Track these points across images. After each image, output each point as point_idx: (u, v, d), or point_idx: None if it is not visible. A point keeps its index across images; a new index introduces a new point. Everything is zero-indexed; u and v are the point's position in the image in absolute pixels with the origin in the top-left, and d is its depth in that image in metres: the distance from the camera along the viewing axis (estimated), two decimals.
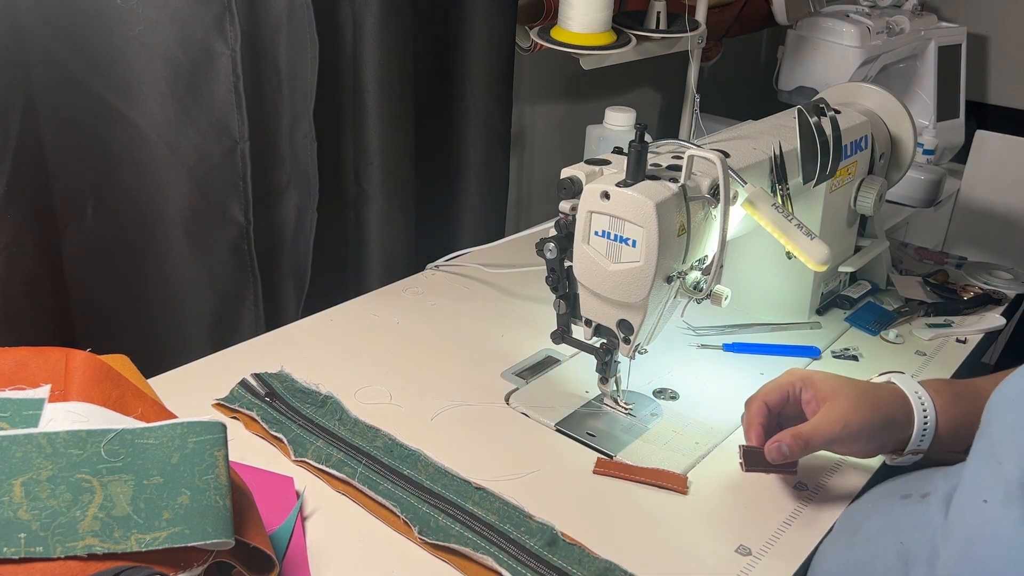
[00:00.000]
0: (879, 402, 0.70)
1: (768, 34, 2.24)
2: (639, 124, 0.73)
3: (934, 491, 0.60)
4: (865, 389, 0.71)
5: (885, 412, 0.69)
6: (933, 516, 0.57)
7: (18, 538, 0.49)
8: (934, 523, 0.57)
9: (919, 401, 0.70)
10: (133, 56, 0.92)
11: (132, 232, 0.99)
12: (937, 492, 0.59)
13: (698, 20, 1.49)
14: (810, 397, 0.72)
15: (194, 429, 0.57)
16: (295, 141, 1.09)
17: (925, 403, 0.69)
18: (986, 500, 0.50)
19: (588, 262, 0.77)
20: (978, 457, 0.54)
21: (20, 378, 0.58)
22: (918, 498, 0.62)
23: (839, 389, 0.71)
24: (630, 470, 0.77)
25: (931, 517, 0.58)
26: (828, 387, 0.71)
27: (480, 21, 1.28)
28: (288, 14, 1.01)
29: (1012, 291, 1.17)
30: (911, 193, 1.53)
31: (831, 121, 0.94)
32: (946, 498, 0.57)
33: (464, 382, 0.89)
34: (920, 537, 0.57)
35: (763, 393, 0.75)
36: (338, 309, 1.04)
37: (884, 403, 0.70)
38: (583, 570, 0.64)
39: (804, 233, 0.80)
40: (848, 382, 0.72)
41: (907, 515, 0.61)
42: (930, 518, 0.58)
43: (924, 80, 1.89)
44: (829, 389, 0.71)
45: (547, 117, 1.67)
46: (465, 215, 1.41)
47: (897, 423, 0.69)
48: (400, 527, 0.68)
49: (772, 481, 0.76)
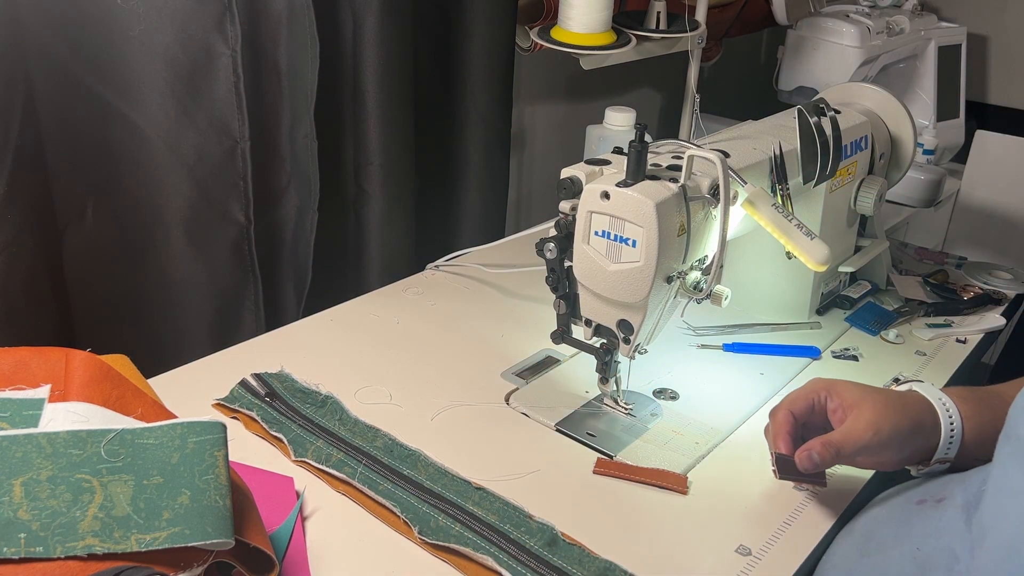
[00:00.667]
0: (907, 408, 0.68)
1: (768, 34, 2.24)
2: (639, 124, 0.73)
3: (950, 496, 0.60)
4: (891, 396, 0.70)
5: (913, 418, 0.68)
6: (950, 522, 0.57)
7: (18, 538, 0.49)
8: (952, 529, 0.56)
9: (944, 408, 0.68)
10: (133, 56, 0.92)
11: (132, 232, 0.99)
12: (955, 499, 0.59)
13: (698, 20, 1.49)
14: (836, 406, 0.71)
15: (194, 429, 0.57)
16: (295, 141, 1.09)
17: (950, 409, 0.68)
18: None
19: (588, 262, 0.77)
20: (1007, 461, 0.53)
21: (20, 378, 0.58)
22: (933, 504, 0.61)
23: (865, 397, 0.69)
24: (630, 470, 0.77)
25: (948, 523, 0.57)
26: (854, 395, 0.70)
27: (480, 21, 1.28)
28: (288, 14, 1.01)
29: (1012, 291, 1.17)
30: (911, 193, 1.53)
31: (831, 121, 0.94)
32: (965, 504, 0.56)
33: (464, 382, 0.89)
34: (936, 543, 0.57)
35: (788, 402, 0.73)
36: (338, 309, 1.04)
37: (911, 409, 0.68)
38: (583, 570, 0.64)
39: (804, 233, 0.80)
40: (873, 390, 0.71)
41: (923, 521, 0.61)
42: (947, 524, 0.57)
43: (924, 80, 1.89)
44: (855, 397, 0.70)
45: (547, 117, 1.67)
46: (465, 215, 1.41)
47: (925, 430, 0.68)
48: (400, 527, 0.68)
49: (772, 481, 0.76)
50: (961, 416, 0.68)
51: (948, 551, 0.55)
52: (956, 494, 0.59)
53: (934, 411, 0.68)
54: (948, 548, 0.55)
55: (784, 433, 0.71)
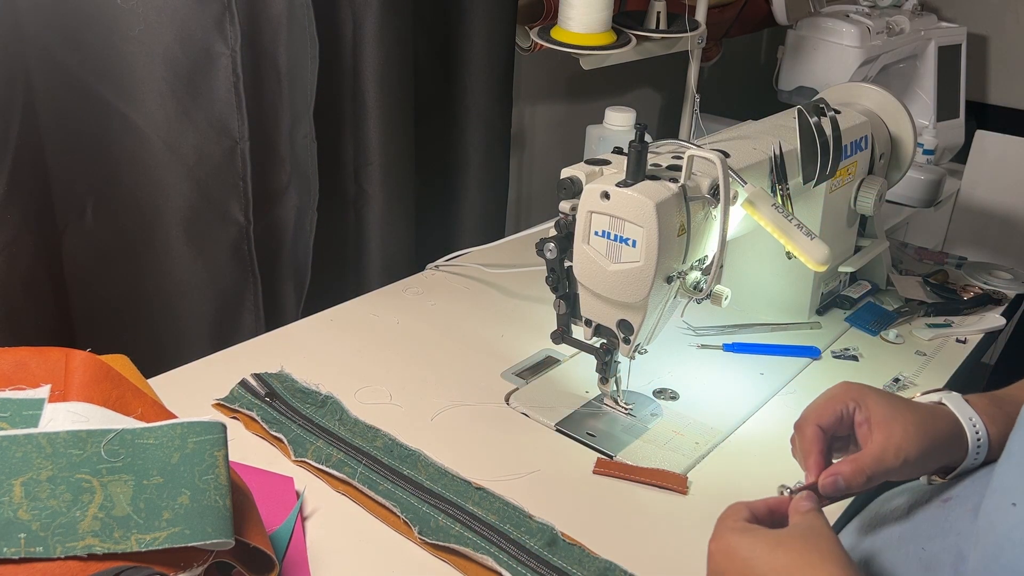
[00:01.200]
0: (937, 431, 0.65)
1: (768, 34, 2.24)
2: (639, 124, 0.73)
3: (956, 496, 0.59)
4: (921, 416, 0.66)
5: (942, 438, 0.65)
6: (956, 521, 0.56)
7: (18, 538, 0.49)
8: (957, 528, 0.55)
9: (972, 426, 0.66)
10: (133, 56, 0.92)
11: (132, 232, 0.99)
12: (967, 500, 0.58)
13: (698, 20, 1.49)
14: (863, 420, 0.66)
15: (194, 429, 0.57)
16: (295, 141, 1.09)
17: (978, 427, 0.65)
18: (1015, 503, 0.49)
19: (588, 262, 0.77)
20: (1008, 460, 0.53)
21: (20, 378, 0.58)
22: (940, 503, 0.61)
23: (895, 416, 0.65)
24: (630, 470, 0.77)
25: (954, 522, 0.56)
26: (883, 412, 0.66)
27: (480, 21, 1.28)
28: (288, 14, 1.01)
29: (1012, 291, 1.17)
30: (911, 193, 1.53)
31: (831, 121, 0.94)
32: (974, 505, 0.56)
33: (464, 382, 0.89)
34: (943, 542, 0.56)
35: (815, 415, 0.68)
36: (338, 309, 1.04)
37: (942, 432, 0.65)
38: (583, 570, 0.64)
39: (804, 233, 0.80)
40: (902, 406, 0.67)
41: (928, 520, 0.60)
42: (953, 523, 0.56)
43: (924, 80, 1.89)
44: (884, 415, 0.65)
45: (547, 117, 1.67)
46: (465, 215, 1.41)
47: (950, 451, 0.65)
48: (400, 527, 0.68)
49: (772, 481, 0.75)
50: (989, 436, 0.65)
51: (954, 550, 0.54)
52: (966, 495, 0.58)
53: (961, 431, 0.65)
54: (954, 547, 0.54)
55: (816, 453, 0.65)
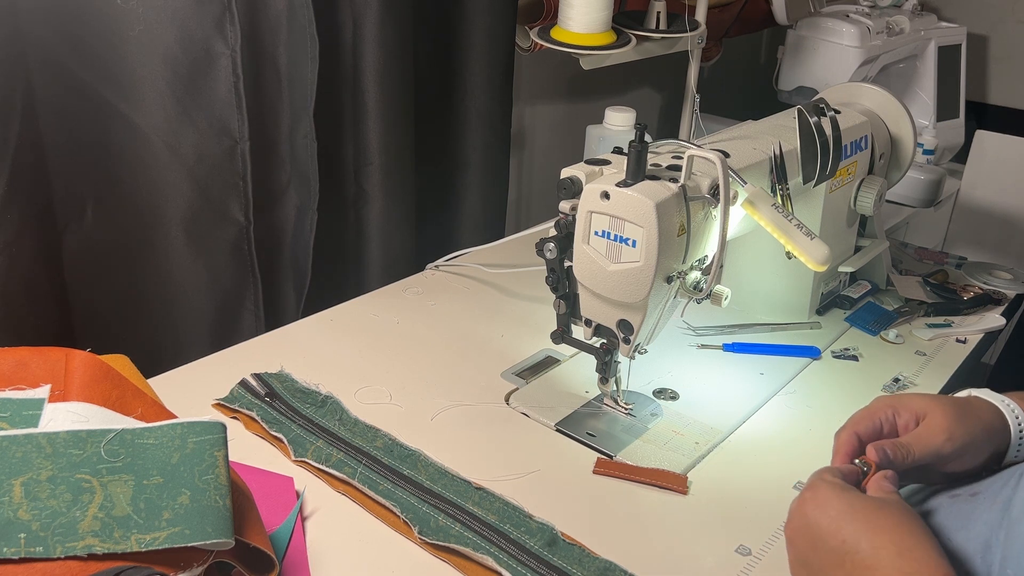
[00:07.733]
0: (978, 411, 0.67)
1: (768, 34, 2.24)
2: (639, 124, 0.73)
3: (984, 490, 0.59)
4: (959, 403, 0.68)
5: (985, 420, 0.66)
6: (983, 513, 0.56)
7: (18, 538, 0.49)
8: (985, 519, 0.56)
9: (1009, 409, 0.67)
10: (133, 56, 0.92)
11: (132, 232, 1.00)
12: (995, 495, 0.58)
13: (698, 20, 1.49)
14: (907, 420, 0.68)
15: (194, 429, 0.57)
16: (295, 141, 1.09)
17: (1016, 410, 0.67)
18: None
19: (588, 262, 0.77)
20: None
21: (20, 378, 0.58)
22: (967, 497, 0.61)
23: (934, 404, 0.67)
24: (630, 470, 0.77)
25: (981, 514, 0.57)
26: (922, 404, 0.68)
27: (480, 21, 1.28)
28: (288, 14, 1.01)
29: (1012, 291, 1.17)
30: (911, 193, 1.54)
31: (831, 121, 0.94)
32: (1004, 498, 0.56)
33: (464, 382, 0.89)
34: (968, 535, 0.56)
35: (852, 423, 0.69)
36: (338, 309, 1.04)
37: (982, 412, 0.67)
38: (583, 570, 0.64)
39: (804, 233, 0.80)
40: (939, 397, 0.69)
41: (954, 514, 0.60)
42: (980, 515, 0.57)
43: (924, 80, 1.89)
44: (923, 406, 0.68)
45: (547, 117, 1.67)
46: (465, 215, 1.41)
47: (996, 430, 0.66)
48: (400, 527, 0.68)
49: (772, 481, 0.76)
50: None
51: (981, 539, 0.54)
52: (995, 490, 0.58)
53: (1000, 412, 0.67)
54: (981, 536, 0.55)
55: (843, 454, 0.67)
